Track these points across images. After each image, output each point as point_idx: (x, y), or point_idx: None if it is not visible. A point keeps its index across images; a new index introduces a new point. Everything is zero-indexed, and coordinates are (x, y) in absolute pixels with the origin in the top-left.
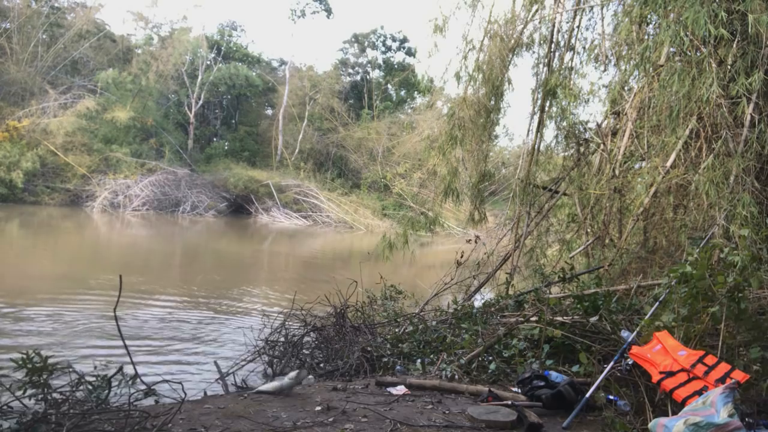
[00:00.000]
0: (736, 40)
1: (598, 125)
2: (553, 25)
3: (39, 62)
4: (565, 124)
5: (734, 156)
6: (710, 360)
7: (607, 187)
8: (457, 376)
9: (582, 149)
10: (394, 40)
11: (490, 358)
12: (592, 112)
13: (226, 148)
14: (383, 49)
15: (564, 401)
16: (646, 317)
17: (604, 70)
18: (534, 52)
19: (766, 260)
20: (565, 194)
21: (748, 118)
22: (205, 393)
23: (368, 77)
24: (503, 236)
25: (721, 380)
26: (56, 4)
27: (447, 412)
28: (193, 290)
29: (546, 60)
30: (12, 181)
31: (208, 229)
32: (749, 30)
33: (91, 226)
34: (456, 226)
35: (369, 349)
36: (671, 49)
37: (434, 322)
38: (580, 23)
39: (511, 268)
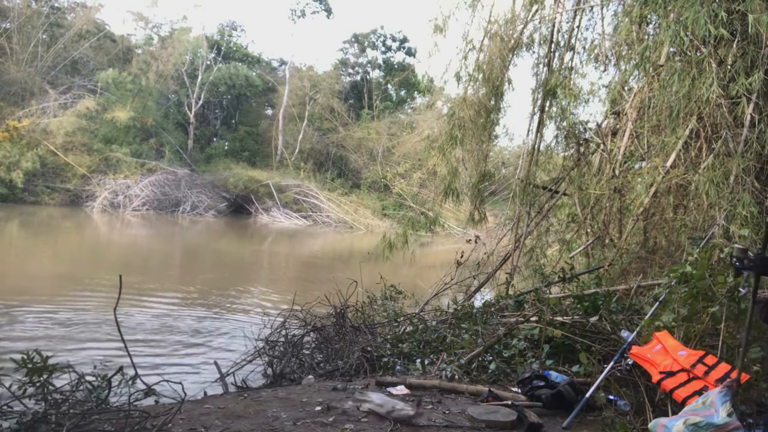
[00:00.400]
0: (736, 40)
1: (598, 125)
2: (553, 25)
3: (39, 62)
4: (565, 124)
5: (734, 156)
6: (710, 360)
7: (607, 187)
8: (457, 376)
9: (582, 149)
10: (394, 40)
11: (490, 358)
12: (592, 112)
13: (226, 148)
14: (383, 49)
15: (564, 401)
16: (646, 317)
17: (604, 70)
18: (534, 52)
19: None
20: (565, 194)
21: (748, 118)
22: (205, 393)
23: (368, 77)
24: (503, 236)
25: (721, 380)
26: (56, 4)
27: (447, 412)
28: (193, 290)
29: (546, 60)
30: (12, 181)
31: (208, 229)
32: (749, 30)
33: (91, 226)
34: (456, 226)
35: (369, 349)
36: (671, 49)
37: (434, 322)
38: (580, 23)
39: (511, 268)
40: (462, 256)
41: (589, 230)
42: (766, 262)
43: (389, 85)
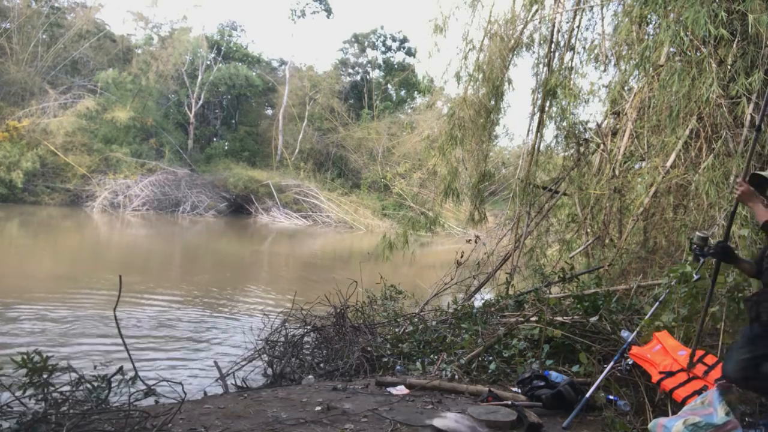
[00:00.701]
0: (736, 40)
1: (598, 125)
2: (553, 25)
3: (39, 62)
4: (565, 124)
5: (734, 156)
6: (710, 360)
7: (607, 187)
8: (457, 376)
9: (582, 149)
10: (394, 40)
11: (490, 358)
12: (592, 112)
13: (226, 148)
14: (383, 49)
15: (564, 401)
16: (646, 317)
17: (604, 70)
18: (534, 52)
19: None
20: (565, 194)
21: (748, 118)
22: (205, 393)
23: (368, 77)
24: (503, 236)
25: (721, 380)
26: (56, 4)
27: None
28: (192, 290)
29: (546, 60)
30: (12, 181)
31: (208, 229)
32: (749, 30)
33: (91, 226)
34: (456, 226)
35: (369, 349)
36: (671, 49)
37: (434, 322)
38: (580, 23)
39: (511, 268)
40: (462, 256)
41: (589, 230)
42: (727, 250)
43: (389, 85)
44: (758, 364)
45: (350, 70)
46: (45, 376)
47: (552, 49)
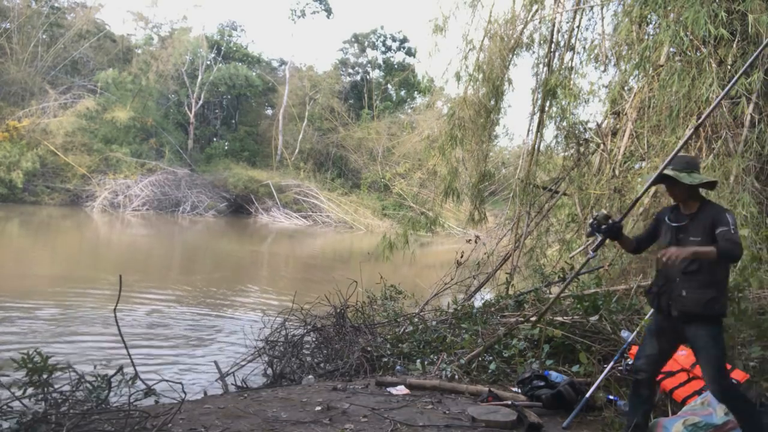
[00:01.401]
0: (736, 40)
1: (598, 125)
2: (553, 25)
3: (39, 62)
4: (565, 124)
5: (734, 156)
6: None
7: (607, 187)
8: (457, 376)
9: (582, 149)
10: (394, 40)
11: (490, 358)
12: (592, 112)
13: (226, 148)
14: (383, 49)
15: (564, 401)
16: (646, 317)
17: (604, 70)
18: (534, 52)
19: (766, 260)
20: (565, 194)
21: (748, 118)
22: (205, 393)
23: (368, 77)
24: (503, 236)
25: None
26: (56, 4)
27: (447, 412)
28: (192, 290)
29: (546, 60)
30: (12, 181)
31: (208, 229)
32: (749, 30)
33: (91, 226)
34: (456, 226)
35: (369, 349)
36: (671, 49)
37: (434, 322)
38: (580, 23)
39: (511, 268)
40: (462, 256)
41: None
42: (616, 231)
43: (389, 85)
44: (664, 360)
45: (350, 70)
46: (45, 376)
47: (552, 49)
